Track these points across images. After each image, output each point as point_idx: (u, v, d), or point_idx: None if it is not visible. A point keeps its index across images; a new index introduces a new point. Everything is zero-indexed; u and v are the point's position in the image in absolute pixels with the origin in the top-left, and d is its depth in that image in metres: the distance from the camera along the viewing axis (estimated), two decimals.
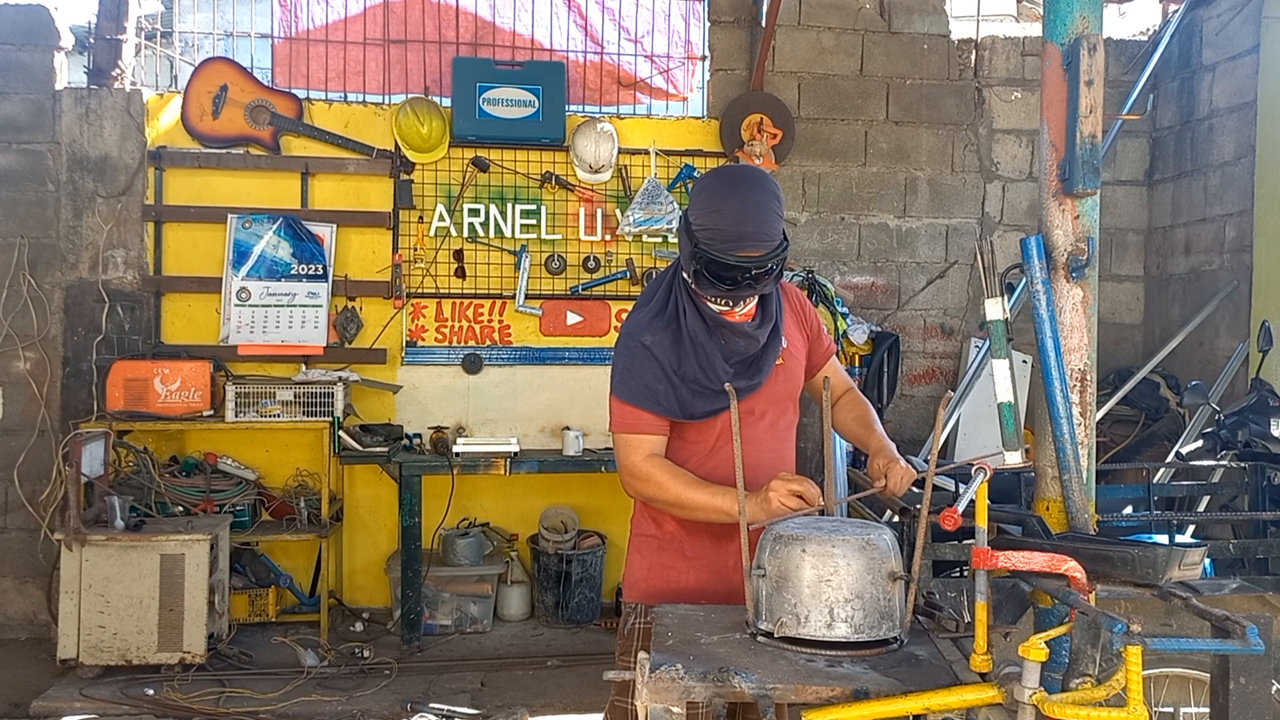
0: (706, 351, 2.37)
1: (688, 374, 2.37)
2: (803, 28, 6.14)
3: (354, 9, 5.89)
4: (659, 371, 2.36)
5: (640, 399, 2.36)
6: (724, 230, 2.26)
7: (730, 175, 2.39)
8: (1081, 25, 2.50)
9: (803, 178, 6.15)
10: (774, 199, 2.32)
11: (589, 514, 5.88)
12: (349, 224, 5.74)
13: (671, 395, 2.36)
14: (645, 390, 2.36)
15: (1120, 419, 5.95)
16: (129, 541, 4.72)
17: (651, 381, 2.36)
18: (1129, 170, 6.45)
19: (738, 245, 2.26)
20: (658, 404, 2.36)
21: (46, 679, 4.74)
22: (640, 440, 2.38)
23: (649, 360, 2.36)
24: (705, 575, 2.46)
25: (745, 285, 2.31)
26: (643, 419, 2.37)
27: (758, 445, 2.45)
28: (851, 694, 1.74)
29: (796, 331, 2.57)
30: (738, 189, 2.31)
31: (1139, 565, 1.84)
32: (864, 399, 2.69)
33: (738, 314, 2.39)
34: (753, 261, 2.27)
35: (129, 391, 5.21)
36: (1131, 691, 1.60)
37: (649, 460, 2.36)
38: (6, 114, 5.55)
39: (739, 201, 2.28)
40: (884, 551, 1.96)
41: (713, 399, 2.38)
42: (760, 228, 2.27)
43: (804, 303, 2.65)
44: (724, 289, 2.30)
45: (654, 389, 2.36)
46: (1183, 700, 2.91)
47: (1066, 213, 2.52)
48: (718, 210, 2.28)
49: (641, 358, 2.37)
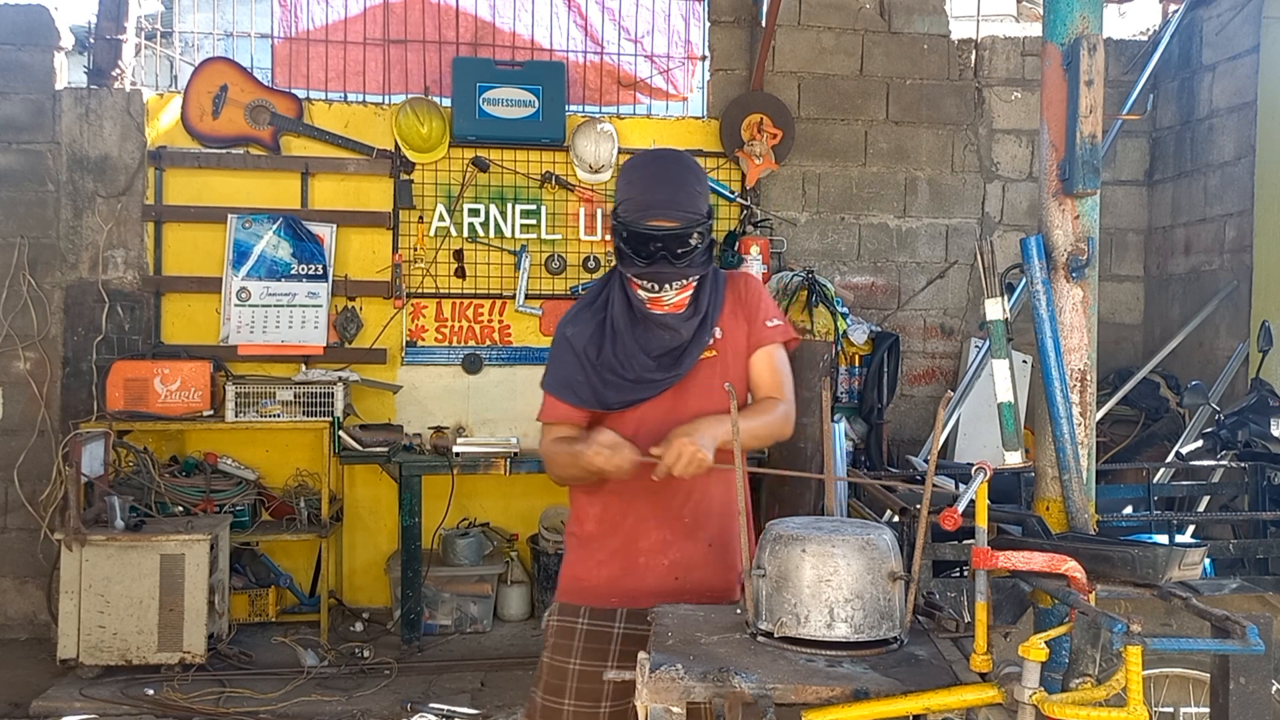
0: (625, 342, 2.38)
1: (605, 363, 2.38)
2: (803, 28, 6.14)
3: (354, 9, 5.89)
4: (576, 362, 2.39)
5: (558, 389, 2.41)
6: (636, 199, 2.30)
7: (650, 152, 2.48)
8: (1081, 25, 2.50)
9: (803, 178, 6.15)
10: (691, 174, 2.34)
11: None
12: (349, 224, 5.75)
13: (587, 386, 2.38)
14: (564, 381, 2.40)
15: (1120, 419, 5.95)
16: (129, 541, 4.72)
17: (570, 373, 2.40)
18: (1129, 170, 6.45)
19: (648, 213, 2.28)
20: (574, 395, 2.39)
21: (46, 679, 4.75)
22: (554, 430, 2.42)
23: (568, 351, 2.41)
24: (615, 571, 2.44)
25: (662, 259, 2.29)
26: (559, 409, 2.42)
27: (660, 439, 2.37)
28: (851, 694, 1.74)
29: (735, 320, 2.49)
30: (651, 162, 2.39)
31: (1139, 565, 1.84)
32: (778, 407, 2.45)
33: (666, 302, 2.37)
34: (666, 231, 2.27)
35: (129, 391, 5.21)
36: (1131, 691, 1.60)
37: (554, 443, 2.38)
38: (6, 114, 5.55)
39: (652, 170, 2.34)
40: (884, 551, 1.96)
41: (629, 389, 2.38)
42: (672, 195, 2.29)
43: (750, 289, 2.54)
44: (642, 264, 2.31)
45: (571, 380, 2.39)
46: (1183, 700, 2.91)
47: (1066, 213, 2.52)
48: (632, 181, 2.34)
49: (562, 349, 2.42)
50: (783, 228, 6.12)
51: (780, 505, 5.40)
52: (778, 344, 2.50)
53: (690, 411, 2.38)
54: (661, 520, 2.43)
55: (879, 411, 5.93)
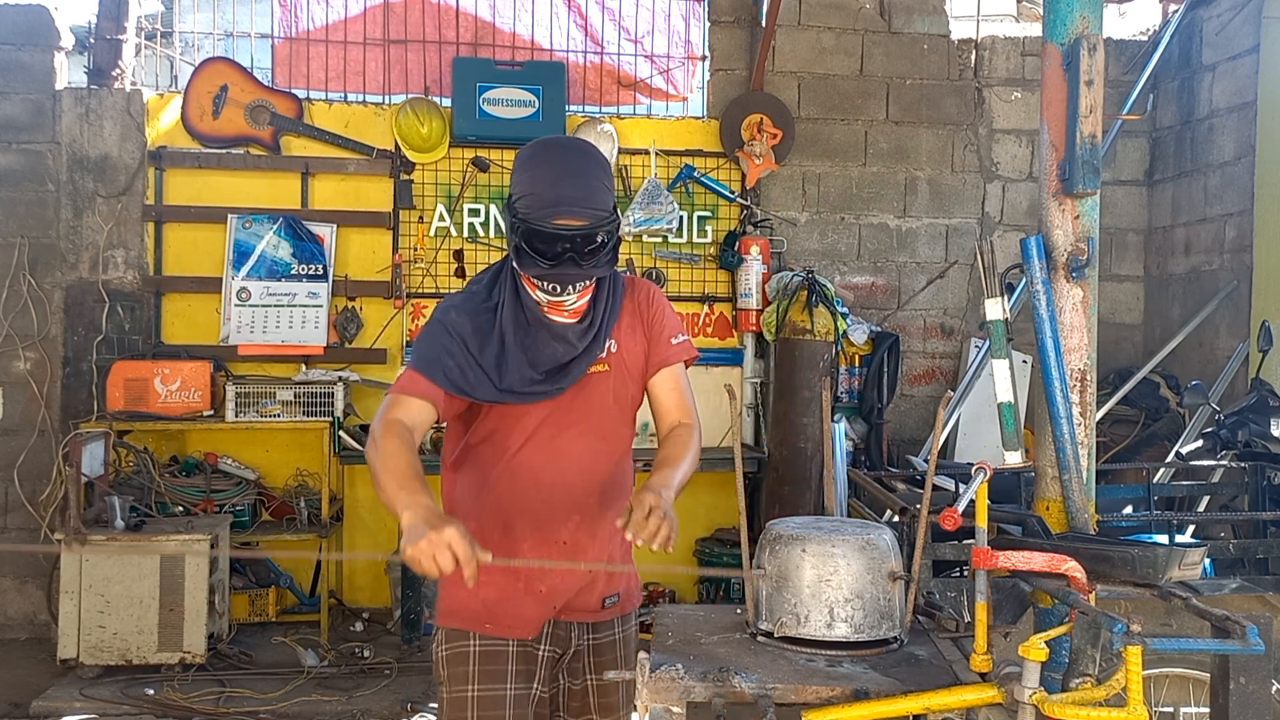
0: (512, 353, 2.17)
1: (484, 364, 2.17)
2: (803, 28, 6.14)
3: (354, 9, 5.89)
4: (455, 346, 2.16)
5: (425, 364, 2.16)
6: (540, 195, 2.09)
7: (549, 141, 2.24)
8: (1081, 25, 2.50)
9: (803, 178, 6.15)
10: (598, 166, 2.16)
11: None
12: (349, 224, 5.74)
13: (459, 371, 2.15)
14: (433, 358, 2.16)
15: (1120, 419, 5.95)
16: (129, 541, 4.72)
17: (442, 354, 2.16)
18: (1129, 170, 6.45)
19: (555, 210, 2.07)
20: (444, 375, 2.14)
21: (47, 679, 4.74)
22: (402, 400, 2.14)
23: (444, 334, 2.17)
24: (493, 595, 2.20)
25: (568, 260, 2.09)
26: (418, 383, 2.14)
27: (562, 457, 2.22)
28: (851, 694, 1.74)
29: (632, 334, 2.29)
30: (554, 152, 2.17)
31: (1139, 565, 1.84)
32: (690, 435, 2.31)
33: (566, 307, 2.18)
34: (574, 231, 2.08)
35: (129, 391, 5.21)
36: (1131, 691, 1.60)
37: (393, 424, 2.09)
38: (6, 114, 5.55)
39: (557, 164, 2.13)
40: (884, 551, 1.96)
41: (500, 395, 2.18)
42: (580, 192, 2.09)
43: (651, 299, 2.34)
44: (546, 266, 2.10)
45: (443, 360, 2.15)
46: (1183, 700, 2.91)
47: (1066, 213, 2.52)
48: (534, 175, 2.13)
49: (438, 331, 2.18)
50: (783, 228, 6.12)
51: (780, 505, 5.41)
52: (681, 362, 2.35)
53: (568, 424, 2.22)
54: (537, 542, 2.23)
55: (879, 411, 5.93)
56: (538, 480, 2.21)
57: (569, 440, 2.22)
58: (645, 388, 2.34)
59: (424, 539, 1.82)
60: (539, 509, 2.21)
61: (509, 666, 2.20)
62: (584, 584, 2.27)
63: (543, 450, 2.21)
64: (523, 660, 2.22)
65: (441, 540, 1.81)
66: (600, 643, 2.32)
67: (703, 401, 6.42)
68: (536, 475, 2.21)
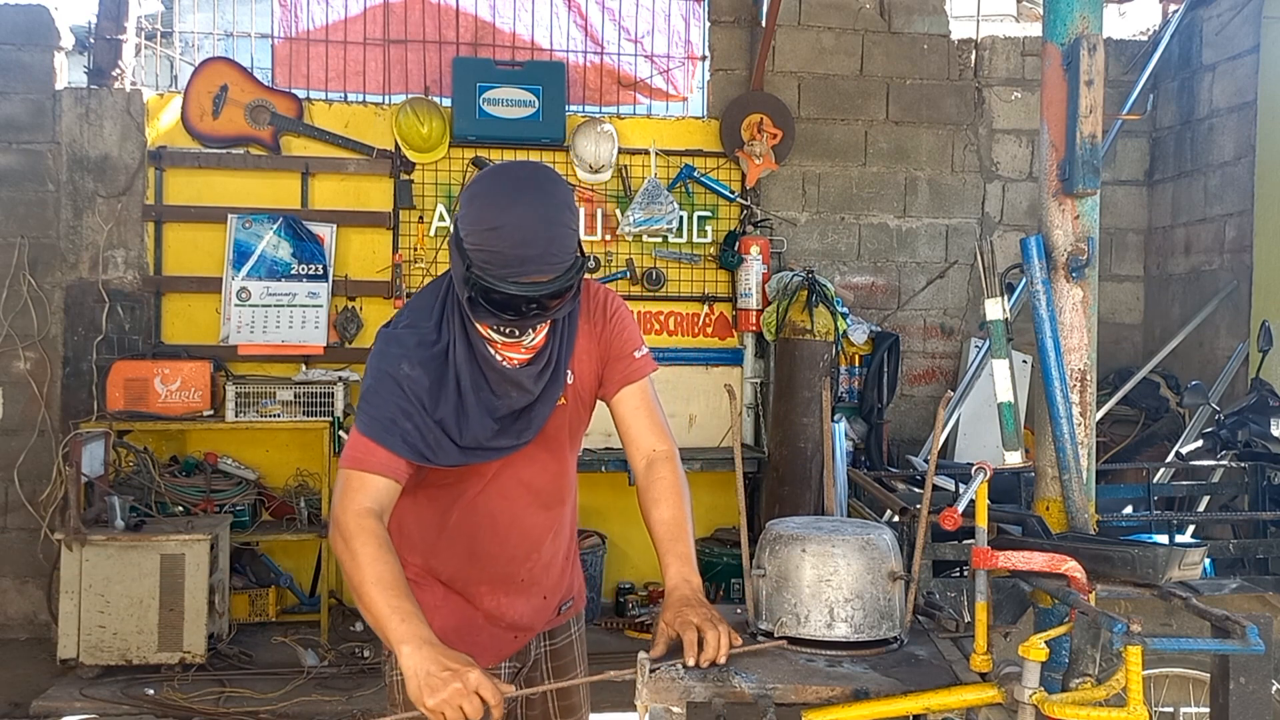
0: (469, 404, 1.97)
1: (441, 423, 1.96)
2: (803, 28, 6.14)
3: (354, 9, 5.89)
4: (410, 406, 1.93)
5: (381, 431, 1.91)
6: (503, 254, 1.82)
7: (509, 180, 1.90)
8: (1081, 25, 2.50)
9: (803, 178, 6.15)
10: (565, 209, 1.88)
11: (589, 514, 5.87)
12: (349, 224, 5.75)
13: (418, 435, 1.93)
14: (388, 422, 1.92)
15: (1120, 419, 5.95)
16: (129, 541, 4.72)
17: (397, 415, 1.92)
18: (1129, 170, 6.45)
19: (521, 270, 1.83)
20: (403, 442, 1.92)
21: (47, 679, 4.75)
22: (364, 481, 1.90)
23: (397, 392, 1.94)
24: (449, 622, 2.07)
25: (533, 315, 1.89)
26: (377, 455, 1.91)
27: (520, 499, 2.10)
28: (851, 694, 1.74)
29: (588, 357, 2.11)
30: (518, 199, 1.85)
31: (1139, 565, 1.84)
32: (675, 474, 2.13)
33: (524, 345, 1.97)
34: (540, 288, 1.84)
35: (129, 391, 5.21)
36: (1131, 691, 1.60)
37: (364, 519, 1.86)
38: (6, 114, 5.55)
39: (520, 215, 1.83)
40: (884, 551, 1.96)
41: (462, 455, 1.98)
42: (548, 248, 1.84)
43: (609, 312, 2.14)
44: (507, 319, 1.89)
45: (399, 424, 1.92)
46: (1183, 700, 2.91)
47: (1066, 213, 2.52)
48: (495, 228, 1.83)
49: (390, 388, 1.94)
50: (783, 228, 6.12)
51: (780, 505, 5.41)
52: (648, 376, 2.15)
53: (525, 464, 2.07)
54: (495, 584, 2.13)
55: (879, 411, 5.93)
56: (495, 523, 2.10)
57: (527, 480, 2.10)
58: (598, 401, 2.17)
59: (447, 690, 1.65)
60: (496, 552, 2.10)
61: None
62: (544, 606, 2.22)
63: (501, 494, 2.08)
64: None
65: (468, 690, 1.66)
66: (557, 647, 2.28)
67: (703, 401, 6.49)
68: (494, 518, 2.10)
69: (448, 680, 1.66)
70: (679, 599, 1.92)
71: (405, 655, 1.71)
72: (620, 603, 5.66)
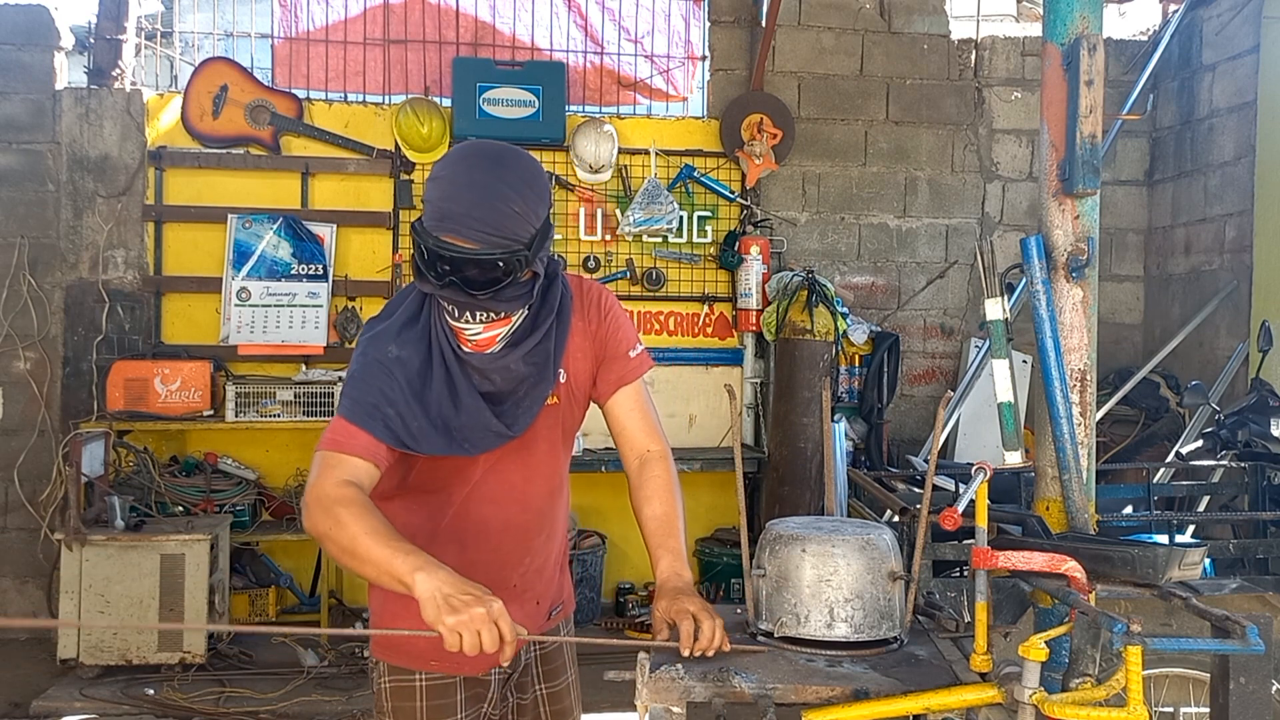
0: (457, 379, 1.93)
1: (432, 403, 1.91)
2: (803, 28, 6.14)
3: (354, 9, 5.89)
4: (397, 390, 1.89)
5: (362, 415, 1.87)
6: (434, 204, 1.82)
7: (466, 147, 1.89)
8: (1081, 25, 2.50)
9: (803, 178, 6.15)
10: (513, 188, 1.82)
11: (589, 514, 5.87)
12: (349, 224, 5.75)
13: (400, 420, 1.88)
14: (371, 406, 1.88)
15: (1120, 419, 5.95)
16: (129, 541, 4.72)
17: (381, 399, 1.88)
18: (1129, 170, 6.45)
19: (440, 225, 1.79)
20: (385, 427, 1.87)
21: (47, 679, 4.74)
22: (342, 461, 1.85)
23: (384, 373, 1.90)
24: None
25: (450, 285, 1.82)
26: (359, 439, 1.87)
27: (511, 502, 2.06)
28: (851, 694, 1.74)
29: (582, 356, 2.08)
30: (463, 161, 1.84)
31: (1139, 565, 1.84)
32: (668, 474, 2.12)
33: (469, 336, 1.91)
34: (458, 253, 1.79)
35: (129, 391, 5.21)
36: (1131, 691, 1.60)
37: (342, 488, 1.81)
38: (6, 114, 5.55)
39: (460, 175, 1.82)
40: (884, 551, 1.96)
41: (457, 442, 1.93)
42: (475, 211, 1.78)
43: (604, 310, 2.10)
44: (431, 282, 1.83)
45: (381, 408, 1.88)
46: (1183, 700, 2.91)
47: (1066, 213, 2.52)
48: (436, 179, 1.84)
49: (375, 371, 1.90)
50: (783, 228, 6.12)
51: (780, 505, 5.41)
52: (642, 376, 2.13)
53: (515, 466, 2.03)
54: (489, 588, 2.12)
55: (879, 411, 5.93)
56: (486, 528, 2.05)
57: (518, 482, 2.05)
58: (591, 402, 2.14)
59: (466, 612, 1.59)
60: (488, 558, 2.04)
61: (458, 697, 2.05)
62: (536, 611, 2.18)
63: (491, 498, 2.03)
64: (471, 687, 2.08)
65: (489, 616, 1.60)
66: (547, 652, 2.23)
67: (703, 401, 6.48)
68: (485, 523, 2.04)
69: (469, 603, 1.61)
70: (673, 589, 1.94)
71: (420, 581, 1.64)
72: (620, 603, 5.66)
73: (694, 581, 2.01)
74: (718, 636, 1.83)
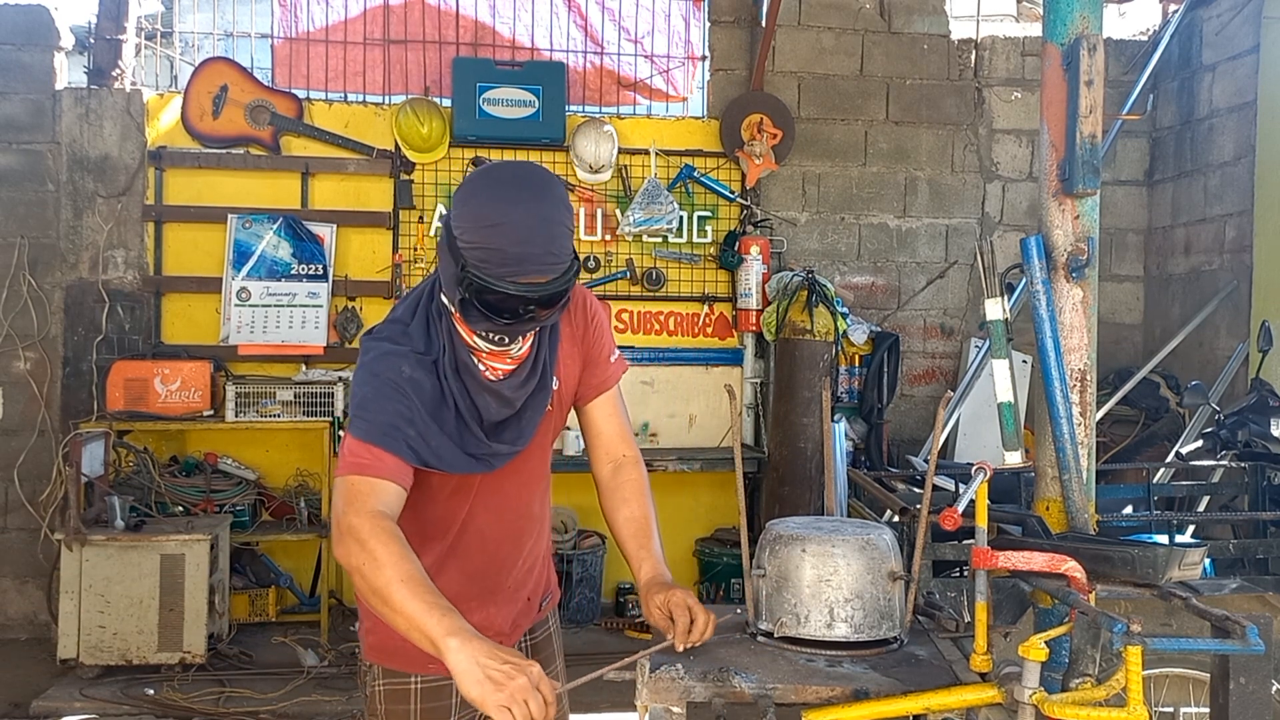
0: (464, 407, 1.93)
1: (447, 423, 1.92)
2: (803, 28, 6.14)
3: (354, 9, 5.89)
4: (411, 412, 1.88)
5: (380, 436, 1.83)
6: (504, 251, 1.76)
7: (508, 179, 1.84)
8: (1081, 25, 2.49)
9: (803, 178, 6.15)
10: (563, 208, 1.84)
11: (589, 514, 5.87)
12: (349, 224, 5.75)
13: (422, 441, 1.88)
14: (390, 428, 1.84)
15: (1120, 419, 5.95)
16: (129, 541, 4.72)
17: (399, 421, 1.85)
18: (1129, 170, 6.45)
19: (520, 270, 1.77)
20: (408, 448, 1.85)
21: (46, 679, 4.75)
22: (372, 486, 1.81)
23: (398, 395, 1.88)
24: None
25: (528, 319, 1.84)
26: (384, 460, 1.83)
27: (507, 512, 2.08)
28: (851, 694, 1.74)
29: (571, 361, 2.09)
30: (519, 198, 1.80)
31: (1139, 565, 1.84)
32: (642, 478, 2.15)
33: (512, 354, 1.94)
34: (539, 290, 1.80)
35: (129, 391, 5.21)
36: (1131, 691, 1.60)
37: (379, 519, 1.77)
38: (6, 114, 5.55)
39: (522, 212, 1.78)
40: (884, 551, 1.96)
41: (464, 463, 1.94)
42: (549, 246, 1.79)
43: (589, 316, 2.12)
44: (502, 324, 1.83)
45: (402, 430, 1.85)
46: (1183, 700, 2.91)
47: (1066, 213, 2.52)
48: (495, 225, 1.77)
49: (390, 393, 1.87)
50: (783, 228, 6.12)
51: (780, 505, 5.41)
52: (619, 381, 2.18)
53: (508, 475, 2.03)
54: (484, 597, 2.09)
55: (879, 411, 5.93)
56: (484, 540, 2.07)
57: (512, 492, 2.07)
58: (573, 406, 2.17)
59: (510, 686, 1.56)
60: (486, 567, 2.08)
61: (453, 699, 2.04)
62: (528, 608, 2.20)
63: (490, 509, 2.05)
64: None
65: (531, 684, 1.57)
66: (537, 641, 2.26)
67: (703, 401, 6.49)
68: (484, 534, 2.06)
69: (511, 674, 1.57)
70: (661, 584, 1.98)
71: (453, 650, 1.61)
72: (620, 603, 5.65)
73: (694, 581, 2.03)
74: (710, 627, 1.91)
